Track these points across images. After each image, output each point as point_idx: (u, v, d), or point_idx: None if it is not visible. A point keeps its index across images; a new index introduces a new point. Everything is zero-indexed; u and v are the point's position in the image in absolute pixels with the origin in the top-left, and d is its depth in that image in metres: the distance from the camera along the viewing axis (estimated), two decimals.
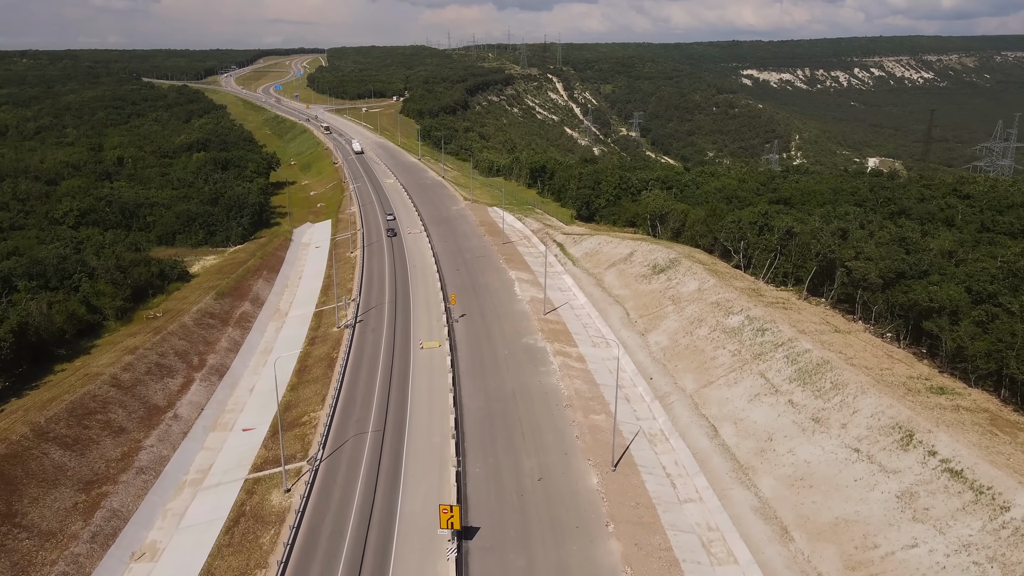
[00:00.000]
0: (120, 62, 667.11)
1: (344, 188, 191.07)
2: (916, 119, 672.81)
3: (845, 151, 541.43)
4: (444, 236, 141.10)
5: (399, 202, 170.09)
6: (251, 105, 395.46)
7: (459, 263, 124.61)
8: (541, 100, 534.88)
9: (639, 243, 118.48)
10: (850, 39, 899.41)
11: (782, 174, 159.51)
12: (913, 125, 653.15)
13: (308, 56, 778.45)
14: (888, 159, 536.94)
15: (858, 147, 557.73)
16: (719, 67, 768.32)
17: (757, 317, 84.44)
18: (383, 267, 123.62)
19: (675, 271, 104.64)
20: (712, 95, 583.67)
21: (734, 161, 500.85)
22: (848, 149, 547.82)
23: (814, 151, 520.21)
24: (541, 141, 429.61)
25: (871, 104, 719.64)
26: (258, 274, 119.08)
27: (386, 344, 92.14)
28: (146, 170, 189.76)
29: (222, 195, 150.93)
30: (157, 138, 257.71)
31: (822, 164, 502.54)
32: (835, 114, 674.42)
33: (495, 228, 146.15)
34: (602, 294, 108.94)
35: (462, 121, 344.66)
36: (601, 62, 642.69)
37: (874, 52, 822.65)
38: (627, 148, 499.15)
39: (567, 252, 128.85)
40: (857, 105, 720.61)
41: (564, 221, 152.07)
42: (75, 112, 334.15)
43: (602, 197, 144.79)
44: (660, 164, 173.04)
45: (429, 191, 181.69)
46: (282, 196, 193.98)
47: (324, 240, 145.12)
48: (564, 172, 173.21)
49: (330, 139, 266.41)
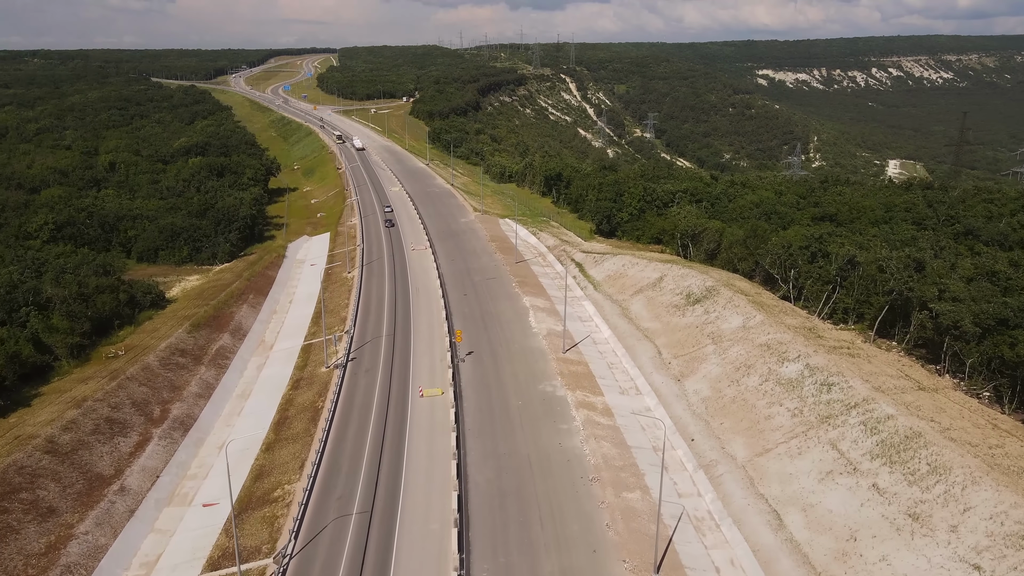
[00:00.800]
0: (132, 62, 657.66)
1: (346, 196, 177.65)
2: (936, 120, 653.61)
3: (865, 153, 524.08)
4: (451, 253, 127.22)
5: (404, 213, 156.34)
6: (258, 106, 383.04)
7: (467, 286, 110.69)
8: (554, 100, 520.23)
9: (669, 266, 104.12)
10: (867, 38, 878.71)
11: (821, 185, 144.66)
12: (933, 126, 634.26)
13: (320, 56, 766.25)
14: (909, 161, 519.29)
15: (878, 149, 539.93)
16: (734, 67, 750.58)
17: (820, 367, 70.07)
18: (382, 290, 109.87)
19: (713, 302, 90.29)
20: (728, 95, 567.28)
21: (751, 163, 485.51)
22: (868, 151, 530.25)
23: (833, 153, 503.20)
24: (554, 143, 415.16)
25: (889, 105, 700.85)
26: (243, 298, 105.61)
27: (380, 391, 78.37)
28: (138, 176, 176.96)
29: (212, 206, 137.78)
30: (156, 141, 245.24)
31: (841, 166, 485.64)
32: (853, 115, 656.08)
33: (507, 244, 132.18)
34: (629, 326, 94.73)
35: (473, 123, 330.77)
36: (615, 62, 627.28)
37: (892, 52, 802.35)
38: (641, 150, 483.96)
39: (587, 274, 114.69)
40: (875, 106, 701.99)
41: (582, 236, 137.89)
42: (78, 113, 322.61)
43: (625, 211, 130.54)
44: (686, 173, 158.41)
45: (436, 201, 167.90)
46: (281, 204, 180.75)
47: (321, 256, 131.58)
48: (581, 181, 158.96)
49: (336, 143, 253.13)
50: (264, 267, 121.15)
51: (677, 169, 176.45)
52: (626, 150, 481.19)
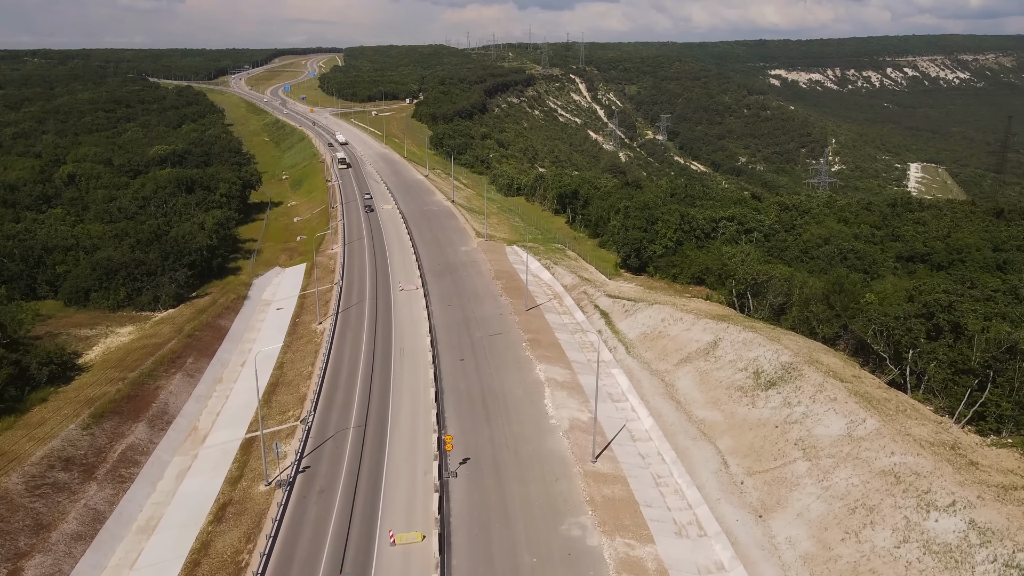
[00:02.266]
0: (133, 61, 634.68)
1: (332, 214, 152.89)
2: (954, 121, 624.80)
3: (884, 155, 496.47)
4: (448, 296, 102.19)
5: (395, 239, 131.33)
6: (253, 108, 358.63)
7: (465, 346, 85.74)
8: (563, 102, 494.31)
9: (724, 326, 78.91)
10: (881, 38, 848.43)
11: (892, 209, 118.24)
12: (951, 127, 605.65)
13: (325, 56, 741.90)
14: (931, 165, 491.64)
15: (897, 151, 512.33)
16: (746, 67, 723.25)
17: (993, 529, 44.93)
18: (357, 353, 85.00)
19: (796, 387, 65.15)
20: (742, 96, 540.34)
21: (768, 167, 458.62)
22: (888, 153, 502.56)
23: (853, 156, 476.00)
24: (564, 146, 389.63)
25: (905, 105, 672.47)
26: (178, 364, 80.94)
27: (335, 532, 53.58)
28: (96, 191, 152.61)
29: (163, 234, 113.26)
30: (135, 147, 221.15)
31: (862, 170, 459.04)
32: (868, 116, 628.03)
33: (516, 282, 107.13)
34: (677, 414, 69.68)
35: (479, 126, 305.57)
36: (625, 62, 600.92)
37: (906, 51, 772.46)
38: (654, 153, 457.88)
39: (616, 329, 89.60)
40: (890, 106, 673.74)
41: (606, 271, 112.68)
42: (62, 116, 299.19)
43: (658, 242, 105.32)
44: (728, 195, 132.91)
45: (434, 222, 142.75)
46: (259, 223, 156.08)
47: (291, 296, 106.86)
48: (602, 201, 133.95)
49: (328, 151, 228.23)
50: (217, 314, 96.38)
51: (710, 183, 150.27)
52: (638, 153, 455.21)
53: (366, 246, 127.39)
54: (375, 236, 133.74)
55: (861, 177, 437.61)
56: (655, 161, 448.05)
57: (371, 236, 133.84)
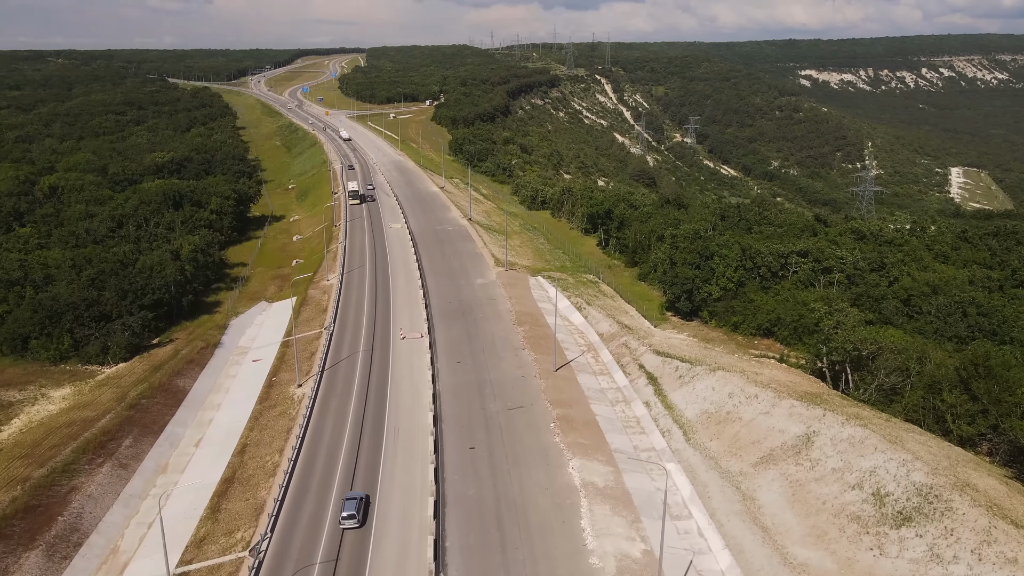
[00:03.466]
0: (156, 62, 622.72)
1: (334, 233, 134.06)
2: (993, 123, 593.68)
3: (924, 159, 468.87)
4: (459, 348, 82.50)
5: (402, 267, 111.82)
6: (269, 110, 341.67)
7: (477, 426, 66.10)
8: (589, 103, 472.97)
9: (818, 412, 58.50)
10: (915, 37, 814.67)
11: (1002, 242, 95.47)
12: (990, 129, 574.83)
13: (347, 56, 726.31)
14: (972, 169, 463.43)
15: (936, 155, 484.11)
16: (775, 67, 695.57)
17: None
18: (340, 433, 65.66)
19: (947, 532, 44.68)
20: (773, 98, 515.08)
21: (802, 171, 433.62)
22: (927, 157, 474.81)
23: (891, 160, 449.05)
24: (589, 150, 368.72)
25: (942, 107, 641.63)
26: (109, 449, 62.25)
27: None
28: (74, 207, 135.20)
29: (131, 263, 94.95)
30: (136, 153, 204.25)
31: (901, 175, 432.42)
32: (903, 118, 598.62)
33: (541, 329, 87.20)
34: (765, 551, 49.49)
35: (501, 130, 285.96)
36: (652, 62, 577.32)
37: (942, 51, 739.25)
38: (683, 156, 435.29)
39: (668, 401, 69.46)
40: (926, 108, 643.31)
41: (649, 312, 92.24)
42: (70, 119, 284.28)
43: (716, 283, 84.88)
44: (791, 219, 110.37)
45: (448, 246, 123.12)
46: (252, 243, 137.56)
47: (273, 342, 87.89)
48: (641, 224, 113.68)
49: (339, 157, 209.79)
50: (176, 371, 77.63)
51: (765, 202, 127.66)
52: (666, 156, 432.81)
53: (367, 276, 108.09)
54: (379, 262, 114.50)
55: (900, 182, 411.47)
56: (684, 165, 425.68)
57: (374, 262, 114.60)
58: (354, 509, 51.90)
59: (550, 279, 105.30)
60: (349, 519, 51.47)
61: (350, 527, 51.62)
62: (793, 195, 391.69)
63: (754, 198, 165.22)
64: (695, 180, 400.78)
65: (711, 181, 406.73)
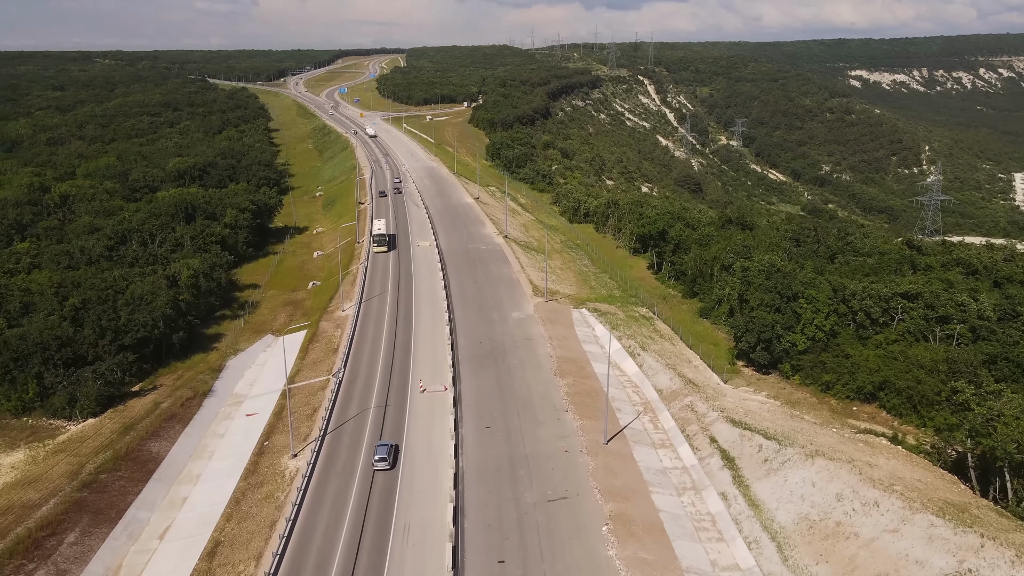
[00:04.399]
0: (200, 63, 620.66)
1: (356, 250, 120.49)
2: None
3: (985, 164, 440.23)
4: (489, 406, 67.64)
5: (427, 295, 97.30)
6: (304, 111, 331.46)
7: (508, 525, 51.14)
8: (631, 104, 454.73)
9: (972, 540, 42.36)
10: (972, 36, 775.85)
11: None
12: None
13: (387, 56, 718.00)
14: None
15: (998, 159, 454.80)
16: (824, 67, 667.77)
17: None
18: (337, 529, 51.40)
19: None
20: (824, 99, 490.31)
21: (855, 176, 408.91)
22: (988, 162, 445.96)
23: (951, 165, 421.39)
24: (632, 154, 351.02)
25: (1001, 109, 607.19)
26: (45, 549, 48.90)
27: None
28: (82, 218, 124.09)
29: (122, 290, 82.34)
30: (161, 157, 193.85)
31: (962, 181, 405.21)
32: (960, 120, 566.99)
33: (587, 381, 71.95)
34: None
35: (541, 133, 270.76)
36: (696, 62, 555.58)
37: (1000, 50, 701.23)
38: (728, 160, 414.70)
39: (752, 497, 53.72)
40: (984, 110, 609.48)
41: (717, 361, 76.34)
42: (105, 120, 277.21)
43: (802, 331, 68.77)
44: (882, 247, 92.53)
45: (480, 269, 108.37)
46: (268, 260, 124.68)
47: (272, 390, 74.17)
48: (702, 249, 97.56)
49: (369, 163, 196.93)
50: (152, 430, 64.35)
51: (846, 225, 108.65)
52: (711, 160, 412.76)
53: (388, 306, 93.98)
54: (402, 289, 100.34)
55: (962, 189, 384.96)
56: (730, 169, 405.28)
57: (397, 288, 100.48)
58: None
59: (597, 313, 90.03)
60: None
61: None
62: (846, 201, 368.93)
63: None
64: (742, 185, 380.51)
65: (759, 186, 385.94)
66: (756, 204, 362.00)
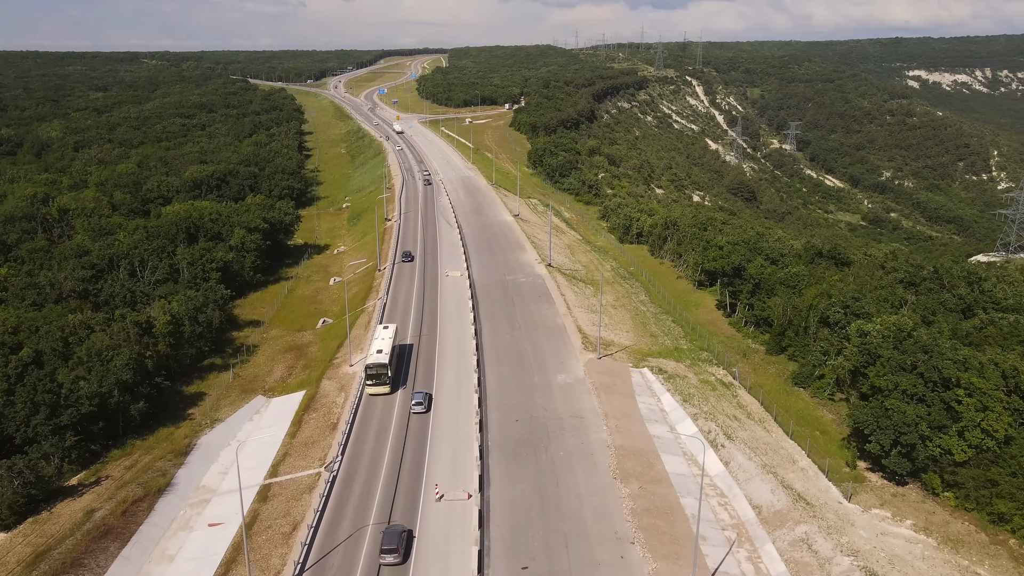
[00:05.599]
0: (244, 63, 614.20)
1: (374, 288, 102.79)
2: None
3: None
4: (527, 530, 48.86)
5: (453, 348, 78.66)
6: (341, 113, 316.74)
7: None
8: (678, 106, 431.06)
9: None
10: None
11: None
12: None
13: (430, 57, 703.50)
14: None
15: None
16: (880, 67, 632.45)
17: None
18: None
19: None
20: (883, 101, 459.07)
21: (918, 183, 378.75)
22: None
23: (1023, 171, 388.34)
24: (681, 158, 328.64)
25: None
26: None
27: None
28: (75, 237, 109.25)
29: (84, 339, 65.98)
30: (183, 163, 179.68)
31: None
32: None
33: (657, 492, 52.76)
34: None
35: (586, 138, 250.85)
36: (746, 62, 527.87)
37: None
38: (782, 165, 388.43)
39: None
40: None
41: (833, 461, 56.53)
42: (138, 122, 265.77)
43: (960, 435, 48.79)
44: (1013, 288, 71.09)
45: (519, 311, 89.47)
46: (277, 288, 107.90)
47: (251, 483, 56.55)
48: (790, 292, 77.60)
49: (401, 171, 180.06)
50: (74, 557, 47.36)
51: (977, 269, 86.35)
52: (763, 165, 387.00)
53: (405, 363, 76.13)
54: (424, 334, 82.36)
55: None
56: (783, 175, 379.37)
57: (419, 335, 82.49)
58: None
59: (662, 376, 70.87)
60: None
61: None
62: (910, 210, 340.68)
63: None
64: (796, 192, 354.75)
65: (814, 193, 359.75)
66: (813, 213, 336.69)
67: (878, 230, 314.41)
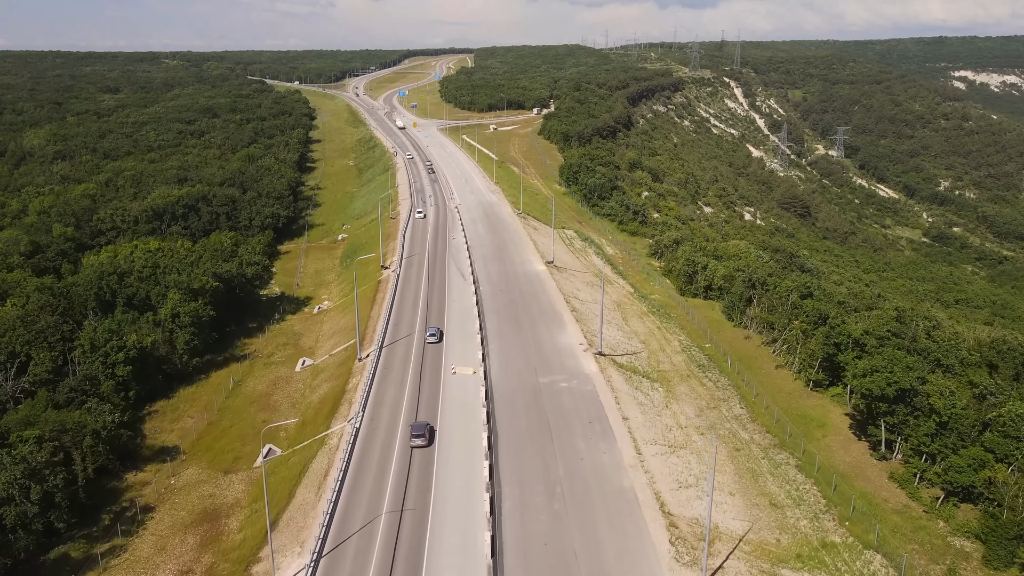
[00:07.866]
0: (267, 63, 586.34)
1: (347, 390, 70.53)
2: None
3: None
4: None
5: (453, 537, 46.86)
6: (355, 118, 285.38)
7: None
8: (716, 109, 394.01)
9: None
10: None
11: None
12: None
13: (456, 56, 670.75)
14: None
15: None
16: (923, 68, 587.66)
17: None
18: None
19: None
20: (936, 104, 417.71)
21: (981, 194, 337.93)
22: None
23: None
24: (723, 167, 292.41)
25: None
26: None
27: None
28: None
29: None
30: (157, 183, 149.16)
31: None
32: None
33: None
34: None
35: (624, 148, 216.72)
36: (786, 63, 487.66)
37: None
38: (829, 173, 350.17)
39: None
40: None
41: None
42: (134, 128, 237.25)
43: None
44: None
45: (561, 458, 56.60)
46: (224, 376, 76.02)
47: None
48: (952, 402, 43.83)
49: (410, 194, 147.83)
50: None
51: None
52: (810, 174, 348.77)
53: (379, 549, 43.77)
54: (409, 509, 50.00)
55: None
56: (832, 184, 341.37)
57: (401, 500, 50.13)
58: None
59: None
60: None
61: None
62: (974, 225, 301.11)
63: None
64: (848, 204, 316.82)
65: (867, 205, 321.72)
66: (869, 228, 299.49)
67: (945, 248, 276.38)
